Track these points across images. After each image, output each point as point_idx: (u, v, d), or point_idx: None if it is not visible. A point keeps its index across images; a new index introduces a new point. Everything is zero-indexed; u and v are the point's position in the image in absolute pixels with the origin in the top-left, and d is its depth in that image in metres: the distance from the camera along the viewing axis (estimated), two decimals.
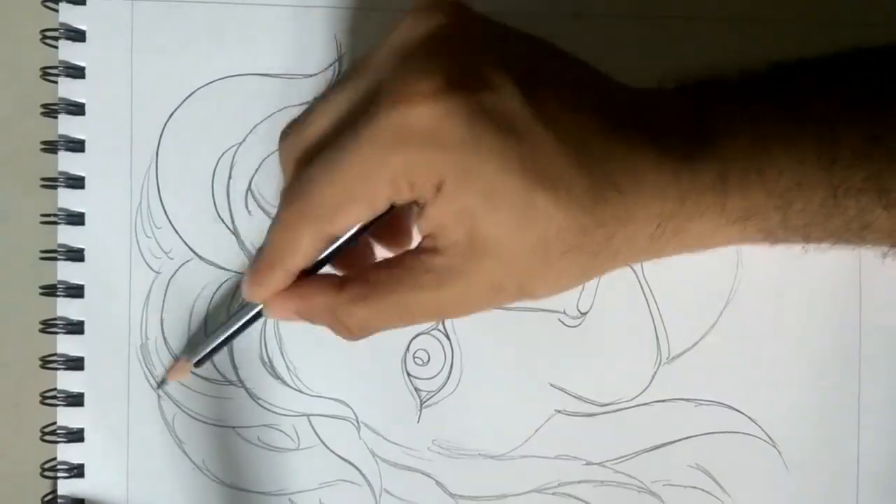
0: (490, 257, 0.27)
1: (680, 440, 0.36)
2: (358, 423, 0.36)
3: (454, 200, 0.26)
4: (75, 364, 0.35)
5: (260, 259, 0.30)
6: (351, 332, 0.30)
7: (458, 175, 0.26)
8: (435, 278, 0.28)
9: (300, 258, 0.29)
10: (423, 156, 0.26)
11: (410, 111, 0.26)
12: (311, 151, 0.29)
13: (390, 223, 0.31)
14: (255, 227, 0.36)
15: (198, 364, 0.34)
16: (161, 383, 0.35)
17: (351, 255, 0.31)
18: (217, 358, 0.35)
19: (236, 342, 0.35)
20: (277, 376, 0.36)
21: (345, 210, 0.27)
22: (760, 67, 0.31)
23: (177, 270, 0.36)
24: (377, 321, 0.29)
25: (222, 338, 0.32)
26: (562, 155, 0.27)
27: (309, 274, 0.30)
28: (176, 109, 0.35)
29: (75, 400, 0.35)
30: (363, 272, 0.29)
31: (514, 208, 0.26)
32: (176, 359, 0.35)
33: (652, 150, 0.28)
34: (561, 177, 0.27)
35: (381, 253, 0.33)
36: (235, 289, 0.36)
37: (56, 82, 0.35)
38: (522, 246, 0.27)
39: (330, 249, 0.29)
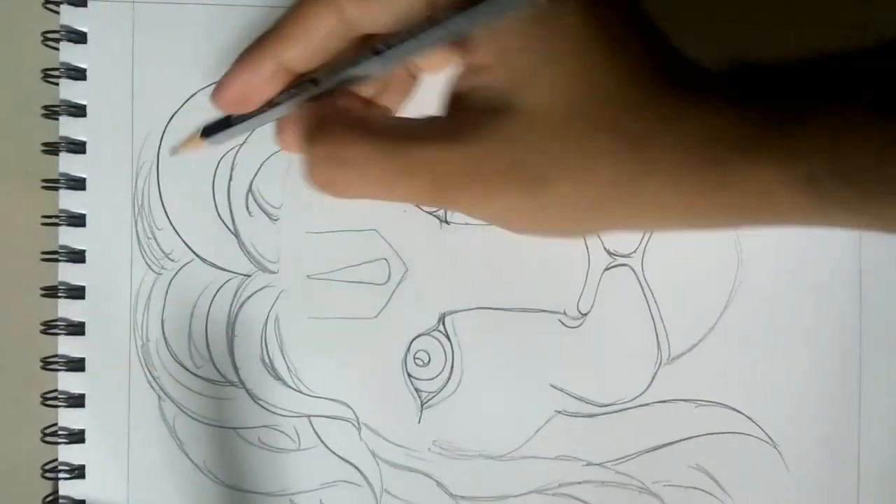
0: (522, 116, 0.23)
1: (680, 441, 0.36)
2: (359, 423, 0.36)
3: (512, 36, 0.23)
4: (76, 365, 0.35)
5: (259, 39, 0.26)
6: (323, 187, 0.26)
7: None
8: (447, 127, 0.24)
9: (304, 47, 0.25)
10: None
11: None
12: None
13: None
14: (256, 229, 0.36)
15: (206, 133, 0.30)
16: (173, 152, 0.33)
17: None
18: (218, 359, 0.35)
19: (237, 343, 0.35)
20: (278, 377, 0.36)
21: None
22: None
23: (178, 272, 0.36)
24: (360, 183, 0.25)
25: (239, 116, 0.29)
26: (634, 29, 0.24)
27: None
28: (177, 111, 0.35)
29: (76, 401, 0.35)
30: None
31: (572, 60, 0.23)
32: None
33: (717, 79, 0.25)
34: (627, 46, 0.24)
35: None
36: (236, 290, 0.36)
37: (57, 84, 0.35)
38: (564, 107, 0.23)
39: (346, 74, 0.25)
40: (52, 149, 0.35)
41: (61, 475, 0.35)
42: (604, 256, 0.36)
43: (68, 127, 0.35)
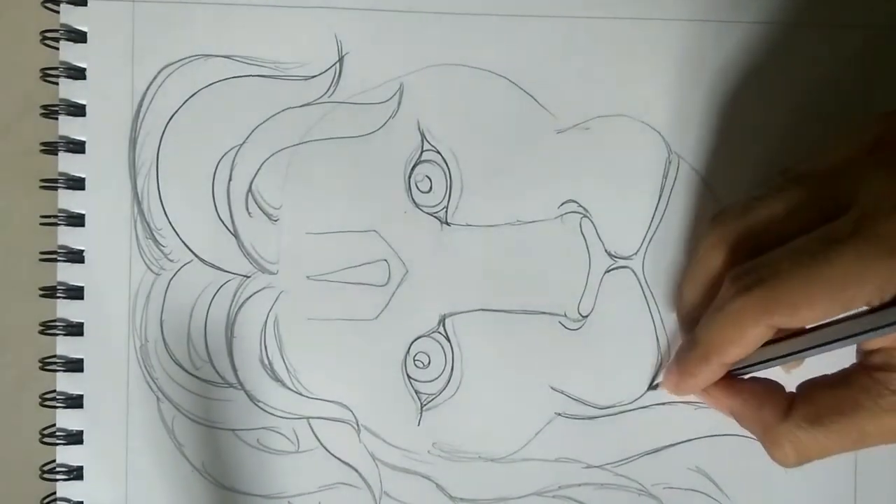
0: None
1: (680, 443, 0.36)
2: (358, 425, 0.36)
3: None
4: (75, 366, 0.35)
5: (693, 348, 0.30)
6: (787, 458, 0.29)
7: None
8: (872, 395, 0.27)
9: (741, 351, 0.28)
10: None
11: None
12: (753, 239, 0.29)
13: None
14: (255, 229, 0.35)
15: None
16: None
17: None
18: (216, 360, 0.35)
19: (236, 344, 0.35)
20: (277, 379, 0.36)
21: (815, 307, 0.27)
22: None
23: (177, 272, 0.35)
24: (825, 449, 0.28)
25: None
26: None
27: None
28: (176, 111, 0.35)
29: (75, 402, 0.35)
30: (808, 391, 0.29)
31: None
32: None
33: None
34: None
35: None
36: (236, 291, 0.35)
37: (56, 83, 0.35)
38: None
39: (776, 355, 0.29)
40: (51, 148, 0.35)
41: (59, 476, 0.35)
42: (605, 258, 0.36)
43: (67, 126, 0.35)
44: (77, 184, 0.35)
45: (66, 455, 0.35)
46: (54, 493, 0.35)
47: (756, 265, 0.28)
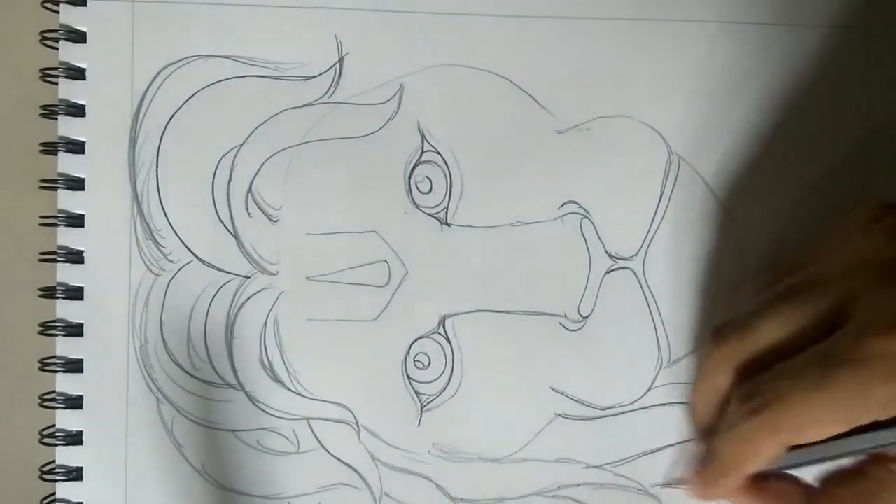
0: None
1: (680, 443, 0.36)
2: (358, 426, 0.36)
3: None
4: (74, 366, 0.35)
5: (713, 463, 0.30)
6: None
7: None
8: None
9: (758, 466, 0.29)
10: None
11: None
12: (756, 361, 0.29)
13: None
14: (255, 229, 0.35)
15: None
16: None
17: None
18: (216, 361, 0.35)
19: (236, 345, 0.35)
20: (277, 379, 0.36)
21: (819, 428, 0.27)
22: None
23: (176, 273, 0.35)
24: None
25: None
26: None
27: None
28: (176, 111, 0.35)
29: (74, 403, 0.35)
30: (828, 486, 0.30)
31: None
32: None
33: None
34: None
35: None
36: (235, 291, 0.35)
37: (56, 84, 0.35)
38: None
39: (798, 461, 0.29)
40: (50, 149, 0.35)
41: (59, 477, 0.35)
42: (605, 259, 0.36)
43: (67, 127, 0.35)
44: (77, 184, 0.35)
45: (66, 456, 0.35)
46: (54, 493, 0.35)
47: (760, 388, 0.29)
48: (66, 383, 0.35)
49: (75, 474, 0.35)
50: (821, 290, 0.29)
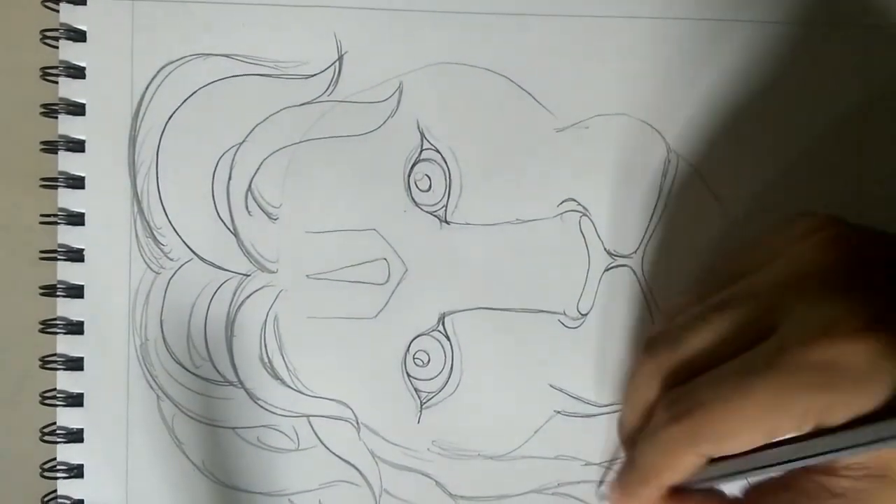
0: None
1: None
2: (358, 423, 0.36)
3: None
4: (75, 364, 0.35)
5: (632, 471, 0.30)
6: None
7: (882, 412, 0.25)
8: (841, 503, 0.27)
9: (678, 476, 0.29)
10: (847, 396, 0.25)
11: (835, 348, 0.25)
12: (684, 371, 0.29)
13: None
14: (254, 228, 0.36)
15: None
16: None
17: None
18: (216, 358, 0.35)
19: (236, 343, 0.35)
20: (277, 377, 0.36)
21: (738, 438, 0.27)
22: None
23: (177, 271, 0.36)
24: None
25: None
26: None
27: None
28: (176, 110, 0.35)
29: (75, 400, 0.35)
30: (753, 497, 0.29)
31: None
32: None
33: None
34: None
35: None
36: (235, 289, 0.35)
37: (56, 82, 0.35)
38: None
39: (720, 474, 0.29)
40: (50, 147, 0.35)
41: (60, 475, 0.35)
42: (604, 257, 0.36)
43: (67, 125, 0.35)
44: (77, 182, 0.35)
45: (67, 453, 0.35)
46: (55, 491, 0.35)
47: (683, 395, 0.28)
48: (66, 381, 0.35)
49: (76, 472, 0.35)
50: (751, 301, 0.28)
